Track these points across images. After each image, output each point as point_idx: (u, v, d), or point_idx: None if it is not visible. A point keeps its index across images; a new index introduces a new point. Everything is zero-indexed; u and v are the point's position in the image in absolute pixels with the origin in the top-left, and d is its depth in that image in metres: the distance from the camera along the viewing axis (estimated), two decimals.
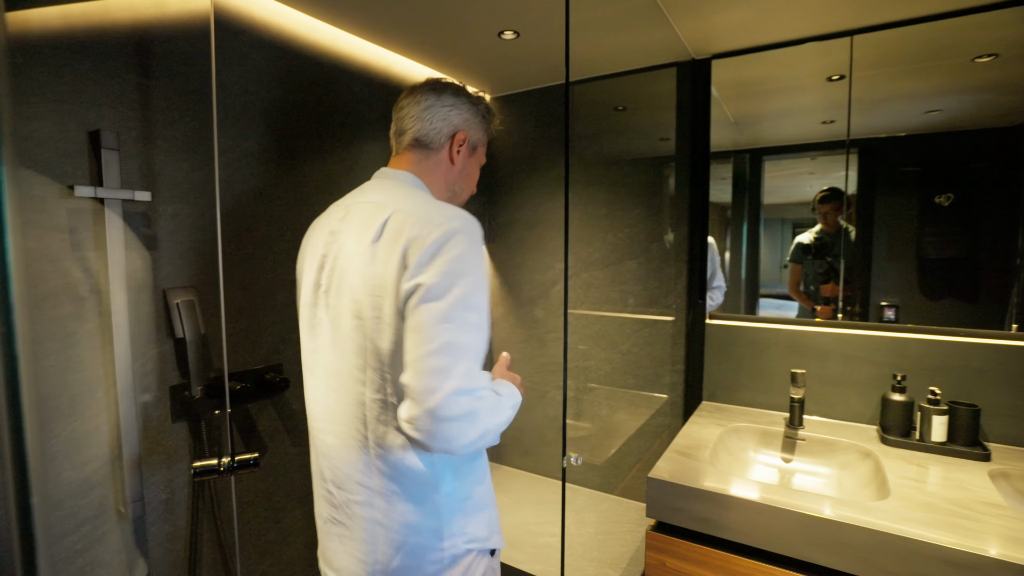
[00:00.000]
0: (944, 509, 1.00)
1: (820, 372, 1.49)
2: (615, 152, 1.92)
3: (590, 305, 1.94)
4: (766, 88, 1.60)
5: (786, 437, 1.41)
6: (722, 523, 1.08)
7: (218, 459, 0.99)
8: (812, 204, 1.52)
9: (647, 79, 1.80)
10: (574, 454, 1.17)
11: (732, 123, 1.66)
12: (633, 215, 1.85)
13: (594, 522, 1.81)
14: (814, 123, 1.53)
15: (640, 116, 1.90)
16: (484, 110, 0.99)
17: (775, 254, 1.63)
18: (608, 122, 1.94)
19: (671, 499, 1.13)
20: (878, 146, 1.43)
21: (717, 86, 1.64)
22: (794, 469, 1.37)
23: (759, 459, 1.41)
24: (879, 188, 1.45)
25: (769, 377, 1.57)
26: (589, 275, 1.94)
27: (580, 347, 1.96)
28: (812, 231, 1.55)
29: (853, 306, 1.49)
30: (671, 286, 1.78)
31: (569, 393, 2.00)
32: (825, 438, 1.36)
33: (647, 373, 1.84)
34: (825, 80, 1.49)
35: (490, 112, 1.01)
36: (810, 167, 1.56)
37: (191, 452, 1.18)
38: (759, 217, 1.64)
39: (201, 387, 1.15)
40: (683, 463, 1.22)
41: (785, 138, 1.58)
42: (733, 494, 1.07)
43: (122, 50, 1.04)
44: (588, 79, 1.87)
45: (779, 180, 1.61)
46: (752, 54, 1.58)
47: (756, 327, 1.59)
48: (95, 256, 1.02)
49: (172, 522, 1.16)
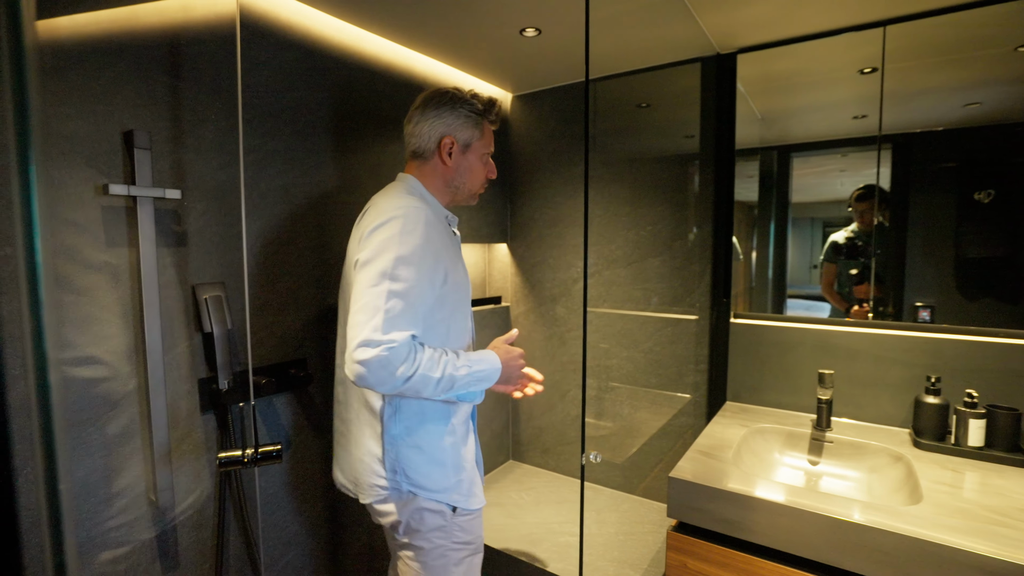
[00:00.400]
0: (981, 516, 0.96)
1: (849, 373, 1.45)
2: (638, 149, 1.90)
3: (612, 303, 1.93)
4: (794, 83, 1.56)
5: (813, 439, 1.37)
6: (746, 525, 1.06)
7: (242, 450, 1.02)
8: (848, 202, 1.48)
9: (671, 75, 1.77)
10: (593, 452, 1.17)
11: (759, 119, 1.62)
12: (656, 212, 1.82)
13: (615, 522, 1.79)
14: (845, 118, 1.48)
15: (664, 113, 1.88)
16: (471, 109, 1.12)
17: (804, 254, 1.59)
18: (631, 119, 1.92)
19: (693, 500, 1.12)
20: (913, 141, 1.38)
21: (743, 81, 1.61)
22: (821, 472, 1.33)
23: (785, 461, 1.38)
24: (914, 185, 1.40)
25: (796, 378, 1.53)
26: (611, 273, 1.93)
27: (602, 346, 1.95)
28: (847, 230, 1.50)
29: (886, 306, 1.45)
30: (695, 284, 1.75)
31: (590, 392, 1.99)
32: (854, 441, 1.32)
33: (670, 372, 1.82)
34: (856, 73, 1.45)
35: (486, 108, 1.14)
36: (841, 164, 1.51)
37: (218, 443, 1.21)
38: (787, 216, 1.60)
39: (228, 380, 1.17)
40: (706, 463, 1.20)
41: (814, 134, 1.54)
42: (758, 496, 1.04)
43: (155, 53, 1.08)
44: (610, 76, 1.86)
45: (808, 178, 1.57)
46: (779, 47, 1.54)
47: (783, 326, 1.55)
48: (128, 252, 1.05)
49: (200, 510, 1.19)
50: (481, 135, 1.14)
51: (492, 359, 1.07)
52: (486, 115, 1.14)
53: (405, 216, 0.99)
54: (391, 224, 0.97)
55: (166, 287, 1.11)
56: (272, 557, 1.35)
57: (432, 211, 1.05)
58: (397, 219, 0.98)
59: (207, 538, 1.21)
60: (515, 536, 1.72)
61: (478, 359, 1.05)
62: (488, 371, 1.06)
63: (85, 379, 1.00)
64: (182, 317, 1.14)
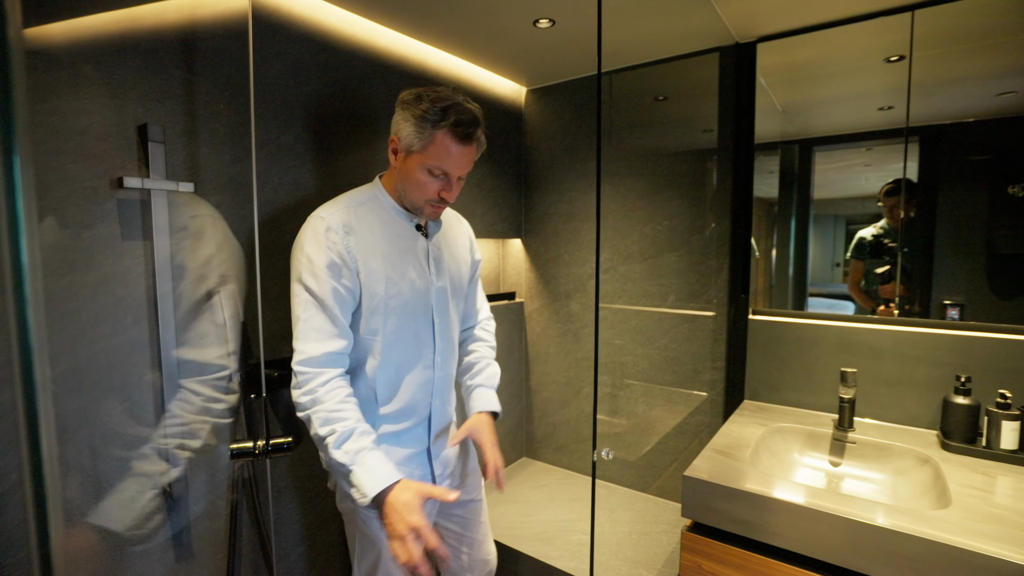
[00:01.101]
0: (1015, 522, 0.91)
1: (873, 372, 1.40)
2: (655, 143, 1.86)
3: (627, 299, 1.90)
4: (817, 73, 1.51)
5: (834, 439, 1.33)
6: (763, 526, 1.02)
7: (253, 442, 1.02)
8: (877, 197, 1.43)
9: (688, 66, 1.73)
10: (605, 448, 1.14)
11: (779, 112, 1.58)
12: (673, 207, 1.79)
13: (628, 521, 1.77)
14: (870, 110, 1.43)
15: (681, 106, 1.84)
16: (422, 113, 0.99)
17: (826, 252, 1.54)
18: (648, 112, 1.89)
19: (709, 499, 1.09)
20: (942, 133, 1.33)
21: (763, 72, 1.56)
22: (843, 473, 1.29)
23: (804, 461, 1.34)
24: (943, 179, 1.35)
25: (817, 376, 1.48)
26: (627, 268, 1.90)
27: (616, 342, 1.92)
28: (875, 226, 1.45)
29: (912, 304, 1.39)
30: (712, 280, 1.71)
31: (604, 389, 1.96)
32: (878, 442, 1.28)
33: (686, 370, 1.78)
34: (882, 62, 1.40)
35: (437, 116, 0.99)
36: (865, 158, 1.46)
37: (231, 435, 1.22)
38: (808, 213, 1.55)
39: (241, 373, 1.18)
40: (722, 463, 1.17)
41: (838, 127, 1.49)
42: (776, 496, 1.01)
43: (169, 47, 1.08)
44: (626, 68, 1.82)
45: (831, 173, 1.52)
46: (801, 35, 1.49)
47: (803, 323, 1.50)
48: (143, 245, 1.06)
49: (213, 502, 1.20)
50: (425, 146, 1.00)
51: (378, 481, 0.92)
52: (436, 124, 0.99)
53: (306, 225, 1.05)
54: (298, 235, 1.05)
55: (179, 279, 1.12)
56: (284, 549, 1.36)
57: (379, 207, 1.09)
58: (302, 230, 1.05)
59: (220, 529, 1.22)
60: (527, 534, 1.70)
61: (368, 467, 0.93)
62: (361, 487, 0.92)
63: (100, 370, 1.01)
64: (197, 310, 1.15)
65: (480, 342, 1.32)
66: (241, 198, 1.21)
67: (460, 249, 1.24)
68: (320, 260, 1.00)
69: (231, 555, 1.22)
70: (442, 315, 1.15)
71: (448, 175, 1.03)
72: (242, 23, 1.18)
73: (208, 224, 1.15)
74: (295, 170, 1.32)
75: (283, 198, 1.30)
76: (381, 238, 1.07)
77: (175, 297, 1.10)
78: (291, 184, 1.32)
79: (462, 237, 1.26)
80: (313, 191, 1.37)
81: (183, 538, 1.15)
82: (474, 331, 1.34)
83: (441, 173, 1.03)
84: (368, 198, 1.10)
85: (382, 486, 0.92)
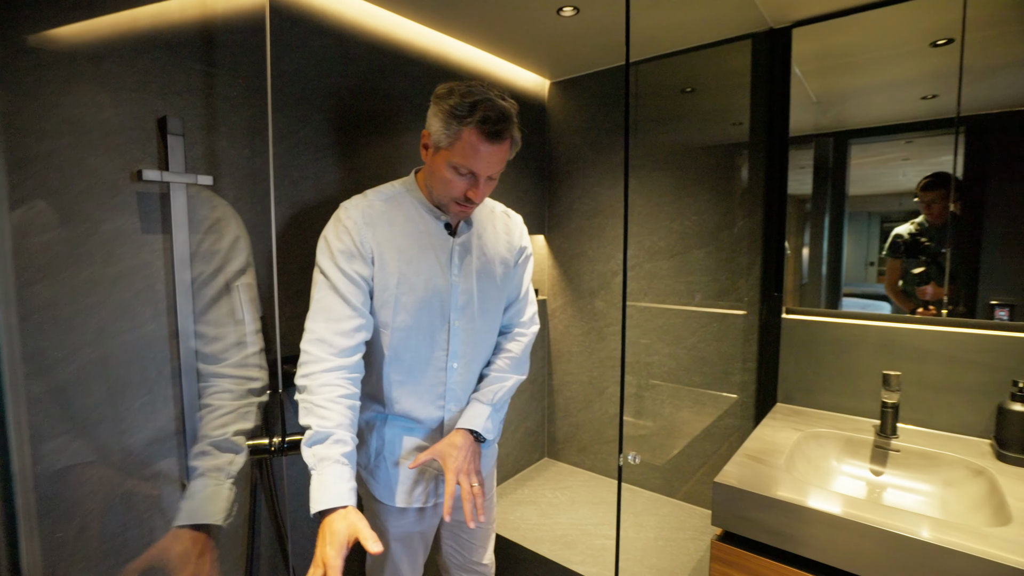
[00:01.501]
0: None
1: (918, 375, 1.31)
2: (682, 137, 1.80)
3: (653, 297, 1.84)
4: (855, 60, 1.42)
5: (876, 446, 1.25)
6: (798, 538, 0.96)
7: (269, 439, 1.00)
8: (914, 192, 1.34)
9: (718, 55, 1.66)
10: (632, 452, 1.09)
11: (814, 103, 1.50)
12: (701, 202, 1.72)
13: (654, 526, 1.71)
14: (912, 99, 1.34)
15: (710, 98, 1.77)
16: (450, 108, 0.95)
17: (859, 250, 1.45)
18: (675, 106, 1.82)
19: (740, 507, 1.03)
20: (993, 123, 1.23)
21: (798, 60, 1.49)
22: (885, 483, 1.21)
23: (843, 469, 1.26)
24: (992, 173, 1.25)
25: (855, 379, 1.40)
26: (653, 265, 1.84)
27: (642, 341, 1.86)
28: (911, 223, 1.36)
29: (957, 305, 1.30)
30: (743, 278, 1.64)
31: (630, 390, 1.91)
32: (925, 450, 1.20)
33: (715, 371, 1.71)
34: (928, 46, 1.31)
35: (464, 111, 0.94)
36: (905, 151, 1.37)
37: None
38: (843, 209, 1.47)
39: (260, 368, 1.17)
40: (754, 469, 1.11)
41: (876, 118, 1.40)
42: (813, 506, 0.95)
43: (190, 41, 1.08)
44: (653, 58, 1.76)
45: (867, 167, 1.43)
46: (840, 18, 1.41)
47: (842, 323, 1.42)
48: (162, 238, 1.06)
49: None
50: (452, 143, 0.96)
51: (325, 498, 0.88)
52: (463, 120, 0.94)
53: (335, 216, 1.05)
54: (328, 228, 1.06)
55: (199, 274, 1.11)
56: (302, 546, 1.35)
57: (407, 202, 1.07)
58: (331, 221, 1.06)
59: (239, 525, 1.21)
60: (549, 537, 1.66)
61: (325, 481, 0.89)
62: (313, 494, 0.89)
63: (120, 364, 1.01)
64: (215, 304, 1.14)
65: (504, 354, 1.20)
66: (260, 192, 1.20)
67: (500, 249, 1.16)
68: (336, 246, 1.01)
69: (249, 553, 1.21)
70: (463, 318, 1.10)
71: (475, 174, 0.99)
72: (261, 16, 1.17)
73: (226, 217, 1.14)
74: (315, 164, 1.31)
75: (302, 192, 1.29)
76: (401, 233, 1.05)
77: (194, 291, 1.09)
78: (311, 178, 1.30)
79: (504, 236, 1.18)
80: (333, 185, 1.35)
81: None
82: (504, 340, 1.22)
83: (467, 172, 0.98)
84: (397, 192, 1.08)
85: (326, 506, 0.88)
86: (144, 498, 1.06)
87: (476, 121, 0.94)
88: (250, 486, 1.21)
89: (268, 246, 1.21)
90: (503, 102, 0.97)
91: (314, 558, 0.86)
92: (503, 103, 0.97)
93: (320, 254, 1.03)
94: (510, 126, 0.98)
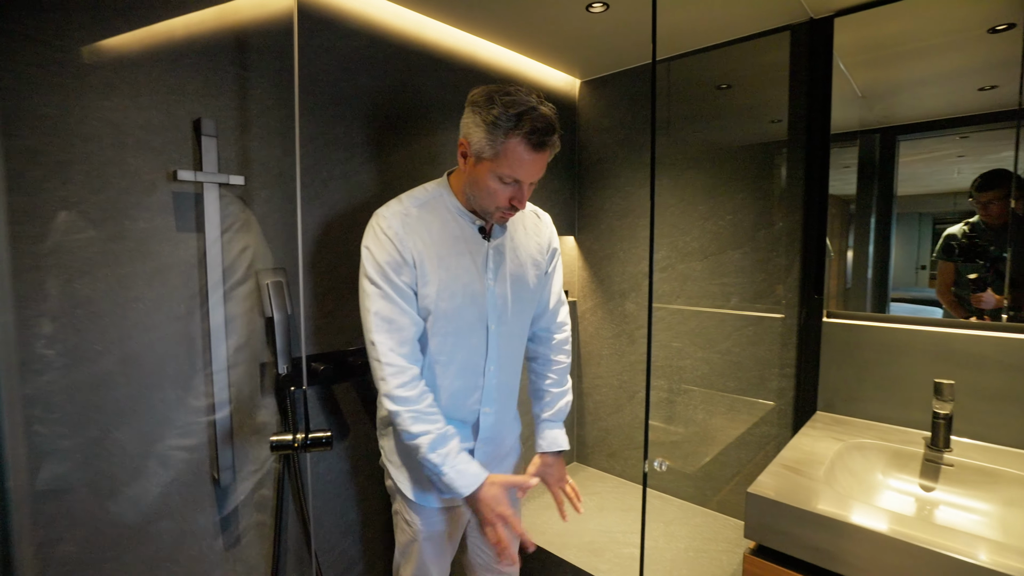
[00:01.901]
0: None
1: (973, 384, 1.22)
2: (717, 135, 1.74)
3: (686, 299, 1.78)
4: (904, 49, 1.34)
5: (926, 460, 1.17)
6: (839, 556, 0.90)
7: (293, 435, 1.01)
8: (969, 191, 1.25)
9: (755, 49, 1.60)
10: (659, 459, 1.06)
11: (858, 97, 1.42)
12: (736, 201, 1.66)
13: (685, 536, 1.65)
14: (968, 90, 1.25)
15: (746, 94, 1.70)
16: (494, 118, 0.92)
17: (909, 253, 1.37)
18: (709, 102, 1.76)
19: (775, 520, 0.98)
20: None
21: (840, 52, 1.41)
22: (937, 500, 1.13)
23: (889, 484, 1.19)
24: None
25: (903, 388, 1.32)
26: (686, 267, 1.78)
27: (674, 344, 1.81)
28: (966, 223, 1.27)
29: (1019, 310, 1.21)
30: (781, 280, 1.57)
31: (661, 394, 1.85)
32: (983, 466, 1.11)
33: (750, 376, 1.65)
34: (986, 32, 1.22)
35: (513, 121, 0.92)
36: (960, 147, 1.28)
37: (278, 427, 1.23)
38: (891, 210, 1.38)
39: (287, 365, 1.19)
40: (791, 480, 1.05)
41: (927, 112, 1.31)
42: (856, 522, 0.89)
43: (224, 45, 1.11)
44: (686, 54, 1.71)
45: (917, 165, 1.35)
46: (887, 6, 1.33)
47: (889, 328, 1.34)
48: (196, 237, 1.08)
49: (260, 492, 1.21)
50: (496, 154, 0.94)
51: (469, 481, 0.99)
52: (510, 132, 0.92)
53: (369, 224, 1.04)
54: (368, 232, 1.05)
55: (230, 271, 1.14)
56: (329, 543, 1.36)
57: (441, 206, 1.06)
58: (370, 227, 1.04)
59: (267, 519, 1.23)
60: (576, 543, 1.63)
61: (459, 469, 0.99)
62: (454, 487, 0.99)
63: (155, 358, 1.04)
64: (245, 301, 1.17)
65: (556, 366, 1.26)
66: (290, 191, 1.22)
67: (531, 250, 1.16)
68: (381, 257, 1.00)
69: (276, 547, 1.23)
70: (499, 322, 1.10)
71: (520, 182, 0.98)
72: (291, 20, 1.20)
73: (259, 217, 1.17)
74: (344, 164, 1.33)
75: (332, 192, 1.31)
76: (439, 239, 1.04)
77: (226, 289, 1.12)
78: (340, 177, 1.32)
79: (534, 236, 1.18)
80: (363, 184, 1.37)
81: (231, 527, 1.17)
82: (549, 346, 1.26)
83: (512, 180, 0.98)
84: (432, 197, 1.07)
85: (473, 487, 0.99)
86: (177, 488, 1.08)
87: (524, 133, 0.92)
88: (276, 482, 1.23)
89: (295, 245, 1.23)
90: (546, 109, 0.95)
91: (486, 522, 1.00)
92: (546, 111, 0.95)
93: (367, 265, 1.01)
94: (555, 135, 0.96)
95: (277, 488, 1.23)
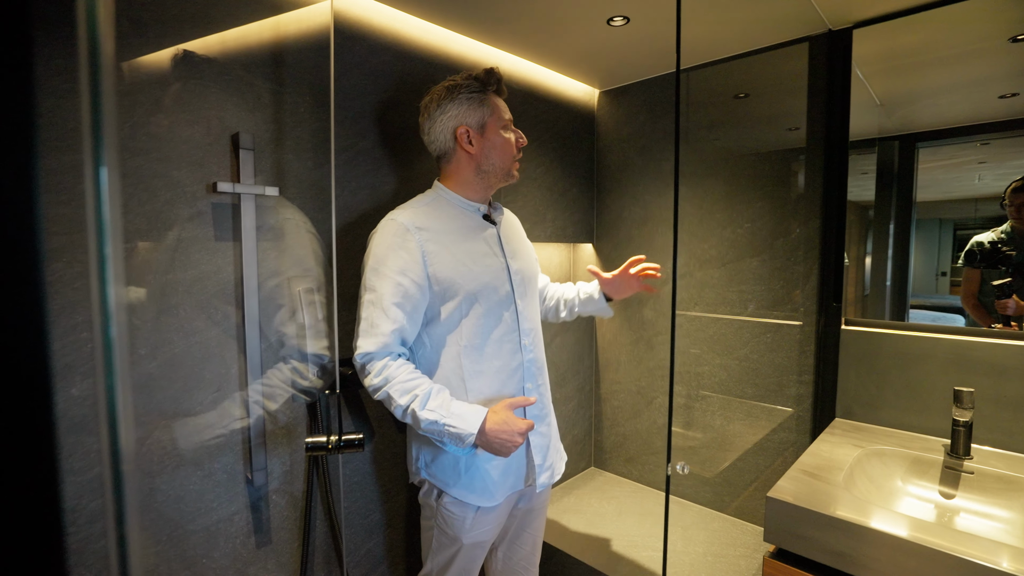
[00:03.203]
0: None
1: (995, 392, 1.23)
2: (735, 144, 1.76)
3: (704, 306, 1.80)
4: (922, 59, 1.35)
5: (947, 467, 1.18)
6: (859, 560, 0.92)
7: (327, 437, 1.05)
8: (1002, 197, 1.26)
9: (773, 59, 1.62)
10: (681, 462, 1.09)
11: (877, 105, 1.43)
12: (754, 209, 1.68)
13: (703, 541, 1.66)
14: (988, 98, 1.26)
15: (764, 104, 1.72)
16: (470, 90, 1.11)
17: (929, 260, 1.37)
18: (727, 111, 1.79)
19: (794, 525, 0.99)
20: None
21: (858, 62, 1.43)
22: (957, 507, 1.14)
23: (909, 490, 1.20)
24: None
25: (923, 395, 1.33)
26: (704, 274, 1.80)
27: (692, 351, 1.83)
28: (994, 231, 1.28)
29: None
30: (799, 287, 1.58)
31: (679, 400, 1.87)
32: (1003, 473, 1.12)
33: (769, 383, 1.66)
34: (1007, 41, 1.23)
35: (483, 81, 1.12)
36: (981, 154, 1.29)
37: (308, 430, 1.28)
38: (910, 216, 1.39)
39: (318, 370, 1.23)
40: (811, 485, 1.07)
41: (947, 120, 1.32)
42: (875, 527, 0.91)
43: (261, 61, 1.16)
44: (704, 64, 1.74)
45: (937, 172, 1.35)
46: (905, 17, 1.35)
47: (908, 335, 1.35)
48: (233, 246, 1.13)
49: (291, 492, 1.26)
50: (492, 111, 1.12)
51: (472, 420, 1.01)
52: (487, 88, 1.12)
53: (379, 229, 1.11)
54: (371, 239, 1.12)
55: (265, 278, 1.18)
56: (355, 543, 1.40)
57: (444, 203, 1.15)
58: (374, 233, 1.12)
59: (297, 519, 1.27)
60: (594, 547, 1.65)
61: (457, 414, 1.01)
62: (460, 432, 1.00)
63: (194, 362, 1.09)
64: (279, 308, 1.21)
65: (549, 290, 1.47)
66: (322, 201, 1.27)
67: (516, 228, 1.30)
68: (386, 257, 1.06)
69: (305, 546, 1.27)
70: (523, 297, 1.18)
71: (511, 121, 1.16)
72: (325, 37, 1.25)
73: (292, 227, 1.22)
74: (371, 174, 1.37)
75: (360, 201, 1.35)
76: (454, 230, 1.12)
77: (260, 296, 1.17)
78: (368, 188, 1.37)
79: (519, 226, 1.33)
80: (388, 194, 1.41)
81: (263, 525, 1.21)
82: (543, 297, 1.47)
83: (509, 122, 1.15)
84: (433, 198, 1.16)
85: (478, 425, 1.00)
86: (212, 487, 1.13)
87: (493, 82, 1.14)
88: (306, 483, 1.27)
89: (328, 253, 1.27)
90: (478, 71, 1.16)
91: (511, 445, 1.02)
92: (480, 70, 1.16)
93: (368, 271, 1.09)
94: None
95: (307, 489, 1.28)
